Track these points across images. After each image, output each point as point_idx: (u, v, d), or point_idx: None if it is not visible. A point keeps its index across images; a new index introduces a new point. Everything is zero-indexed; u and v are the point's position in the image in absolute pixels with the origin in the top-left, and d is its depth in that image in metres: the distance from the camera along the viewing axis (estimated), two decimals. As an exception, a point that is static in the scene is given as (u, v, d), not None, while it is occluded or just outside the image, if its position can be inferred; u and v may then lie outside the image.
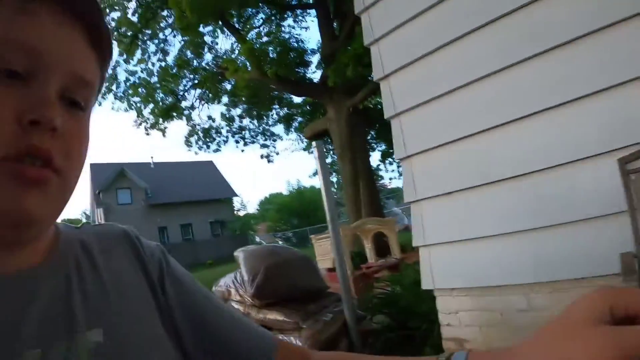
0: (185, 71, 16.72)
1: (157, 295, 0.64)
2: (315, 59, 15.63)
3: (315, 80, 13.75)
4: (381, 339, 3.50)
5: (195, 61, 16.64)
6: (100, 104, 16.19)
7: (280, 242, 34.45)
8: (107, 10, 14.70)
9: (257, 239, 37.43)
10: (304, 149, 20.65)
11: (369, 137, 16.70)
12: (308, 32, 42.22)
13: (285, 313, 3.74)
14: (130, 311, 0.59)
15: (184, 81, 17.16)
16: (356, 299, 4.92)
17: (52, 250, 0.58)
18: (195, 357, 0.65)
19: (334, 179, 20.80)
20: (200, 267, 22.04)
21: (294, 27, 15.75)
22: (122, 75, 17.18)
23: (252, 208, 69.45)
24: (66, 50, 0.51)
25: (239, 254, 4.22)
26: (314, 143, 4.16)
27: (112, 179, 32.97)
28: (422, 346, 3.10)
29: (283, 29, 15.63)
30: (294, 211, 41.21)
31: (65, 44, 0.51)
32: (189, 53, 16.22)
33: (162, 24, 15.67)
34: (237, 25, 14.55)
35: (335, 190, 25.93)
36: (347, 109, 11.76)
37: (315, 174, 23.75)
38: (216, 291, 4.47)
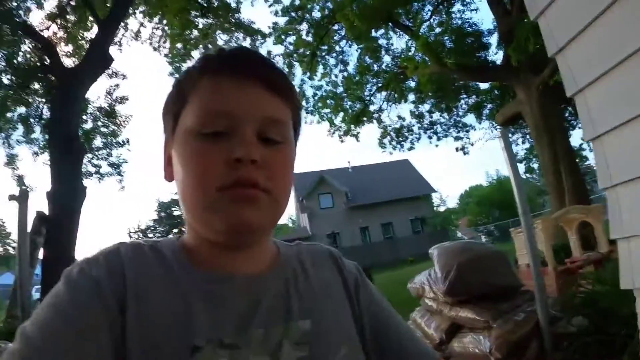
0: (367, 77, 17.21)
1: (353, 305, 0.83)
2: (493, 39, 14.74)
3: (498, 62, 12.95)
4: (576, 344, 3.11)
5: (375, 65, 16.99)
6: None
7: (482, 237, 33.15)
8: (283, 37, 15.83)
9: (459, 234, 36.46)
10: (499, 137, 19.54)
11: (566, 114, 15.09)
12: (480, 13, 40.07)
13: (476, 311, 3.62)
14: (332, 311, 0.78)
15: (368, 86, 17.70)
16: (553, 297, 4.51)
17: (275, 261, 0.80)
18: None
19: (535, 165, 19.30)
20: (402, 264, 22.30)
21: (463, 12, 14.97)
22: (309, 92, 18.28)
23: (452, 202, 68.10)
24: (253, 105, 0.70)
25: (433, 250, 4.23)
26: (497, 132, 3.94)
27: (313, 186, 35.19)
28: (620, 354, 2.70)
29: (453, 15, 15.10)
30: (495, 203, 39.43)
31: (251, 100, 0.70)
32: (367, 59, 16.60)
33: (335, 37, 16.32)
34: (407, 23, 14.47)
35: (537, 177, 24.00)
36: (536, 87, 10.76)
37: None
38: (410, 288, 4.50)
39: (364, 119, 17.79)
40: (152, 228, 54.50)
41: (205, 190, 0.67)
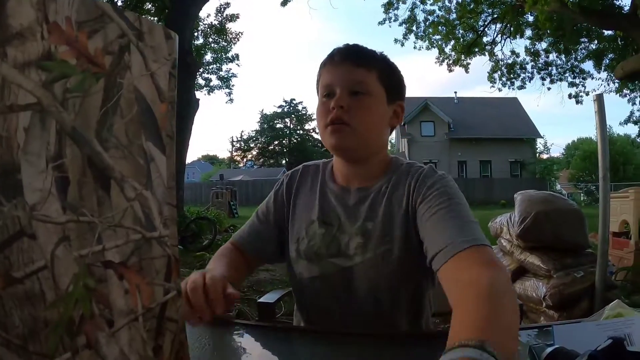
0: (483, 5, 16.02)
1: (407, 211, 1.16)
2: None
3: (626, 10, 11.71)
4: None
5: (492, -6, 15.87)
6: (402, 45, 17.01)
7: (581, 195, 31.25)
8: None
9: (557, 187, 34.25)
10: (615, 92, 17.38)
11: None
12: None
13: (542, 259, 3.86)
14: (390, 218, 1.18)
15: (483, 16, 16.43)
16: (619, 268, 4.67)
17: (379, 177, 1.24)
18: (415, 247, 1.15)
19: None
20: (493, 205, 21.75)
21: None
22: (420, 16, 17.25)
23: (557, 152, 63.83)
24: (344, 76, 1.19)
25: (518, 195, 4.41)
26: (592, 95, 3.96)
27: (416, 112, 34.43)
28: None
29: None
30: (602, 162, 36.34)
31: (343, 74, 1.19)
32: (484, -14, 15.54)
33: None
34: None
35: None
36: (664, 44, 9.73)
37: (627, 121, 20.27)
38: (491, 227, 4.77)
39: (476, 50, 16.66)
40: (254, 138, 56.57)
41: (321, 126, 1.20)
